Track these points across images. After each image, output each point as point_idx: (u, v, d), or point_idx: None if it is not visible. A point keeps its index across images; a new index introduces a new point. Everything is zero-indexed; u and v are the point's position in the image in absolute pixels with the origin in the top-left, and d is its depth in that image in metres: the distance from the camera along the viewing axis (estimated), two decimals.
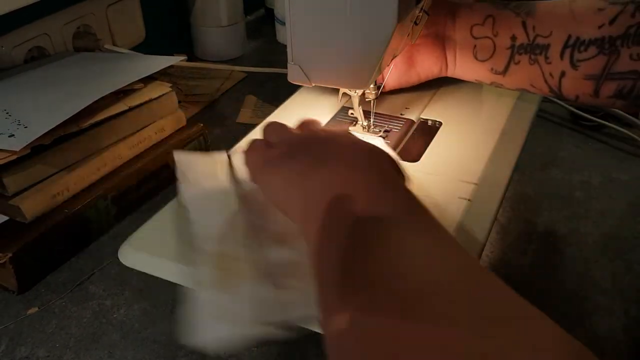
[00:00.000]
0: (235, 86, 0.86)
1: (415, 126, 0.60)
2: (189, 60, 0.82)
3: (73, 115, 0.53)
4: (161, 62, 0.66)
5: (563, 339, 0.25)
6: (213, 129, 0.75)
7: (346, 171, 0.37)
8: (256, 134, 0.54)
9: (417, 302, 0.28)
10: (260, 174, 0.42)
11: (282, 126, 0.46)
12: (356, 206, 0.34)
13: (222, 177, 0.46)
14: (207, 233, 0.40)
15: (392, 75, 0.61)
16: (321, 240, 0.33)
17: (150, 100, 0.62)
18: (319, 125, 0.50)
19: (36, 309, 0.51)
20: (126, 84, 0.60)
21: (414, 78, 0.62)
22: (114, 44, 0.79)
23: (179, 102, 0.67)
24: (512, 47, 0.56)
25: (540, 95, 0.66)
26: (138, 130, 0.62)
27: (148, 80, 0.63)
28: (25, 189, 0.52)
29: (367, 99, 0.56)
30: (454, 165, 0.52)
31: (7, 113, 0.55)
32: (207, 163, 0.47)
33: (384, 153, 0.41)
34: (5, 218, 0.53)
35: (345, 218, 0.34)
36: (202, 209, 0.43)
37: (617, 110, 0.77)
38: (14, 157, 0.50)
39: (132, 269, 0.44)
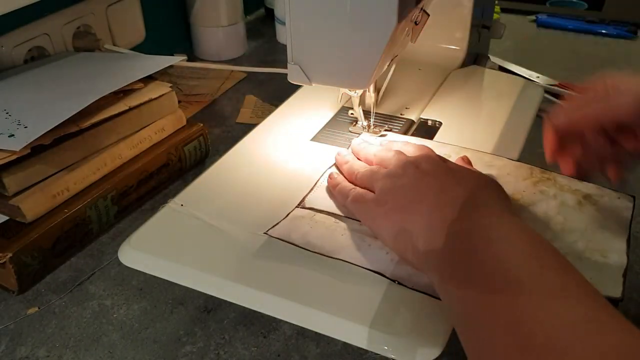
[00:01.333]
0: (235, 86, 0.86)
1: (415, 126, 0.60)
2: (188, 60, 0.82)
3: (73, 115, 0.53)
4: (161, 62, 0.66)
5: None
6: (213, 129, 0.75)
7: (478, 214, 0.39)
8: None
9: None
10: (377, 221, 0.43)
11: (369, 168, 0.47)
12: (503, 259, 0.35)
13: None
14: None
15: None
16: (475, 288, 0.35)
17: (150, 100, 0.62)
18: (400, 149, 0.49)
19: (36, 309, 0.51)
20: (126, 84, 0.60)
21: None
22: (114, 44, 0.79)
23: (179, 102, 0.67)
24: None
25: (541, 96, 0.66)
26: (138, 130, 0.62)
27: (148, 80, 0.63)
28: (26, 189, 0.52)
29: (366, 104, 0.57)
30: None
31: (7, 113, 0.55)
32: None
33: (492, 182, 0.43)
34: (5, 218, 0.53)
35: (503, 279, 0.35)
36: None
37: None
38: (14, 157, 0.50)
39: (132, 269, 0.44)
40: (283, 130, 0.59)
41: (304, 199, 0.48)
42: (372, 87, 0.56)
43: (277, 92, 0.83)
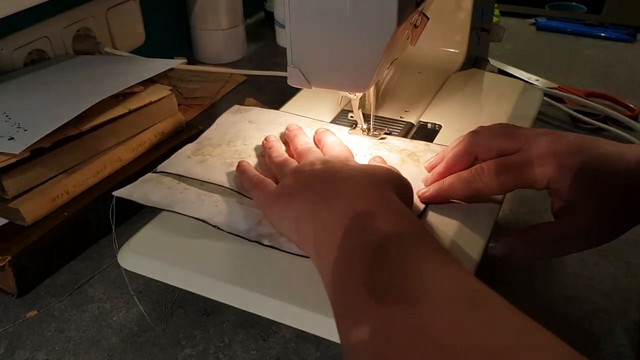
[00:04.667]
0: (235, 89, 0.86)
1: (414, 129, 0.60)
2: (188, 63, 0.82)
3: (73, 118, 0.53)
4: (161, 65, 0.66)
5: None
6: None
7: (352, 202, 0.40)
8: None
9: (430, 320, 0.29)
10: (272, 209, 0.45)
11: (284, 158, 0.49)
12: (370, 231, 0.37)
13: None
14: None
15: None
16: (343, 259, 0.36)
17: (150, 103, 0.62)
18: (327, 139, 0.52)
19: (35, 312, 0.51)
20: (126, 87, 0.60)
21: None
22: (114, 47, 0.79)
23: (179, 105, 0.67)
24: None
25: (540, 98, 0.66)
26: (138, 133, 0.62)
27: (148, 83, 0.64)
28: (25, 192, 0.52)
29: (366, 107, 0.56)
30: None
31: (7, 116, 0.55)
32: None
33: (385, 176, 0.43)
34: (5, 221, 0.53)
35: (365, 241, 0.36)
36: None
37: (616, 113, 0.77)
38: (14, 160, 0.50)
39: (131, 272, 0.44)
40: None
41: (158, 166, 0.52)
42: (371, 90, 0.56)
43: (277, 95, 0.83)
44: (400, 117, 0.61)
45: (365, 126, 0.57)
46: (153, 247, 0.45)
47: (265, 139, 0.54)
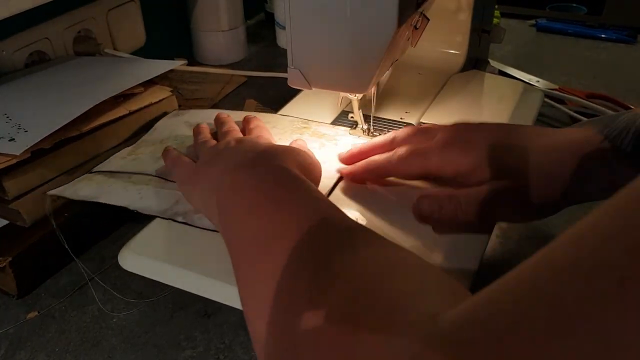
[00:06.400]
0: (236, 90, 0.86)
1: None
2: (189, 64, 0.82)
3: (73, 119, 0.53)
4: (161, 66, 0.66)
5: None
6: None
7: (253, 174, 0.41)
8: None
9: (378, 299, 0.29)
10: (185, 185, 0.48)
11: (207, 139, 0.52)
12: (271, 203, 0.38)
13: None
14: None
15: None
16: (243, 230, 0.38)
17: (151, 105, 0.62)
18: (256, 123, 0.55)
19: (36, 313, 0.51)
20: (126, 88, 0.60)
21: None
22: (115, 48, 0.79)
23: (179, 106, 0.67)
24: None
25: (541, 99, 0.66)
26: (138, 135, 0.62)
27: (148, 84, 0.64)
28: (26, 193, 0.52)
29: (366, 107, 0.56)
30: None
31: (8, 117, 0.55)
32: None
33: (292, 153, 0.45)
34: (5, 222, 0.53)
35: (263, 213, 0.38)
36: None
37: None
38: (14, 161, 0.50)
39: (132, 273, 0.44)
40: None
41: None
42: (372, 91, 0.56)
43: (278, 96, 0.83)
44: (401, 118, 0.61)
45: (365, 127, 0.57)
46: (153, 248, 0.45)
47: (197, 126, 0.56)
